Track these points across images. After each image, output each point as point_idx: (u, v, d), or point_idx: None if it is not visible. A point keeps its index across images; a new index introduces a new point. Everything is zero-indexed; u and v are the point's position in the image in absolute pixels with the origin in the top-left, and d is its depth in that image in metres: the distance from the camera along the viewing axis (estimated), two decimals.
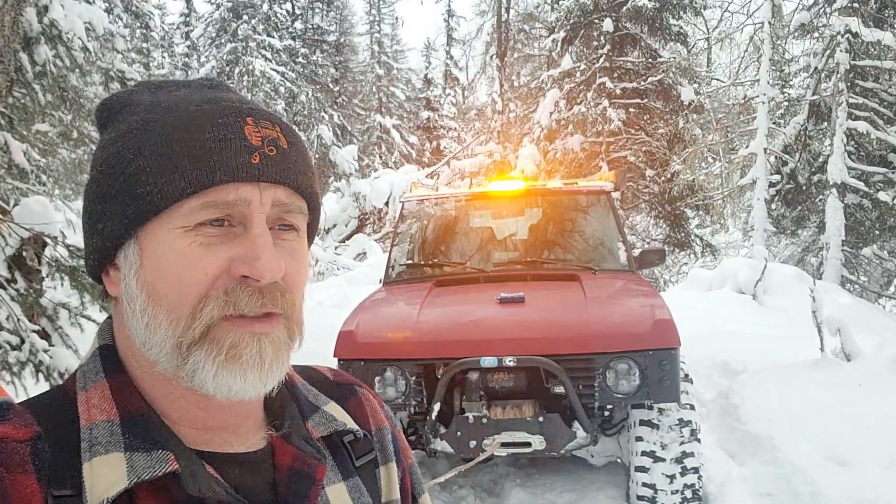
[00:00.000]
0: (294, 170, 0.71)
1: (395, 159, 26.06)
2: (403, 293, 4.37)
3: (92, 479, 0.63)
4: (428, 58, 34.58)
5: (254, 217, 0.67)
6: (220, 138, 0.67)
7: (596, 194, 4.98)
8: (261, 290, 0.67)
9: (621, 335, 3.48)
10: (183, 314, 0.65)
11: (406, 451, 0.90)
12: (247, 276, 0.66)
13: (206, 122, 0.68)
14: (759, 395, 4.87)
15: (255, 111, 0.71)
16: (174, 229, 0.66)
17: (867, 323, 7.61)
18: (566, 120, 13.44)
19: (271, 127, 0.71)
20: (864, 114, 10.52)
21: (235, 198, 0.67)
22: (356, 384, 0.89)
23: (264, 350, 0.67)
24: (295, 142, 0.73)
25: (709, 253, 14.47)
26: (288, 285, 0.69)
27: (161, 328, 0.66)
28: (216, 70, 27.35)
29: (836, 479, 3.67)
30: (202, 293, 0.65)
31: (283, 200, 0.70)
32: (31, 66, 3.36)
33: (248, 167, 0.67)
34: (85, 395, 0.69)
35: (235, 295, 0.66)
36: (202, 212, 0.66)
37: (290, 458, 0.73)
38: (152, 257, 0.67)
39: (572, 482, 4.01)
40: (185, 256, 0.66)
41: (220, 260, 0.66)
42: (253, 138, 0.68)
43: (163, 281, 0.66)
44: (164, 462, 0.64)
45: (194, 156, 0.66)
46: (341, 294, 8.72)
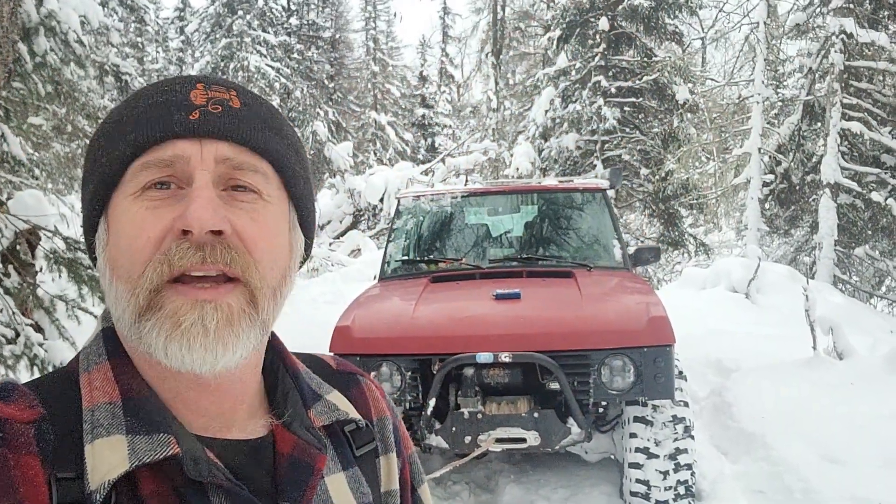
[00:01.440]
0: (244, 126, 0.68)
1: (390, 156, 26.05)
2: (399, 289, 4.37)
3: (94, 461, 0.62)
4: (423, 55, 34.56)
5: (195, 174, 0.65)
6: (162, 101, 0.67)
7: (592, 192, 4.99)
8: (200, 244, 0.64)
9: (616, 332, 3.49)
10: (134, 282, 0.64)
11: (406, 441, 0.89)
12: (184, 229, 0.63)
13: (152, 90, 0.69)
14: (753, 393, 4.89)
15: (210, 79, 0.70)
16: (126, 197, 0.66)
17: (859, 322, 7.65)
18: (561, 118, 13.44)
19: (224, 91, 0.69)
20: (857, 114, 10.56)
21: (173, 154, 0.65)
22: (359, 373, 0.89)
23: (206, 317, 0.64)
24: (253, 104, 0.70)
25: (702, 252, 14.49)
26: (247, 247, 0.66)
27: (122, 300, 0.65)
28: (210, 65, 27.25)
29: (828, 477, 3.69)
30: (147, 257, 0.64)
31: (228, 155, 0.67)
32: (30, 58, 3.34)
33: (185, 122, 0.66)
34: (87, 376, 0.68)
35: (171, 251, 0.63)
36: (143, 173, 0.65)
37: (290, 447, 0.72)
38: (113, 231, 0.67)
39: (566, 478, 4.03)
40: (133, 223, 0.65)
41: (164, 221, 0.64)
42: (197, 99, 0.67)
43: (118, 251, 0.66)
44: (165, 445, 0.63)
45: (136, 120, 0.67)
46: (335, 290, 8.71)
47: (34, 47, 3.32)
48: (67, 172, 8.86)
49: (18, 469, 0.60)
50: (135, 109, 0.68)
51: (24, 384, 0.69)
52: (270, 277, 0.68)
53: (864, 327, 7.43)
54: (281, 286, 0.71)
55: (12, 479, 0.60)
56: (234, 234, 0.66)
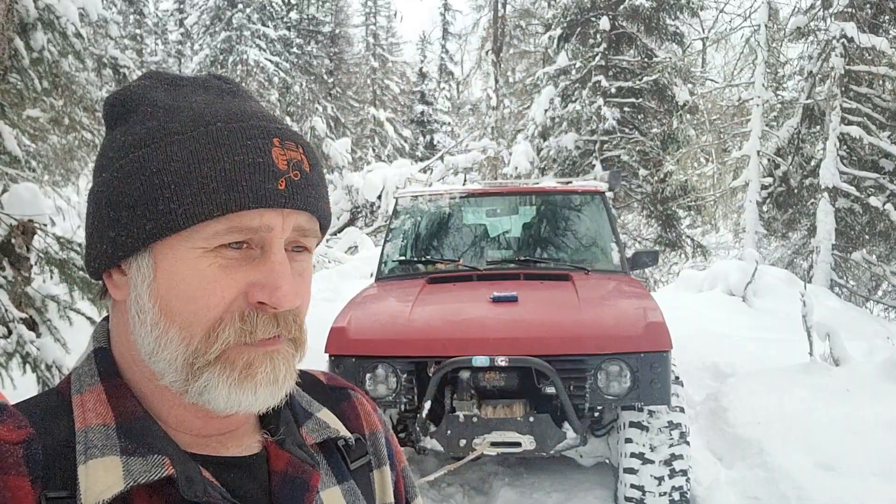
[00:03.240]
0: (315, 196, 0.71)
1: (389, 153, 26.01)
2: (396, 290, 4.35)
3: (87, 481, 0.63)
4: (423, 51, 34.52)
5: (274, 243, 0.68)
6: (250, 162, 0.67)
7: (590, 194, 4.97)
8: (276, 316, 0.68)
9: (613, 337, 3.48)
10: (196, 333, 0.66)
11: (399, 454, 0.91)
12: (264, 303, 0.66)
13: (235, 143, 0.68)
14: (748, 398, 4.88)
15: (281, 131, 0.71)
16: (194, 248, 0.66)
17: (855, 327, 7.64)
18: (561, 117, 13.42)
19: (295, 149, 0.71)
20: (857, 119, 10.55)
21: (260, 224, 0.67)
22: (349, 388, 0.90)
23: (277, 367, 0.69)
24: (315, 164, 0.73)
25: (699, 254, 14.50)
26: (298, 308, 0.70)
27: (172, 344, 0.66)
28: (210, 59, 27.17)
29: (823, 485, 3.68)
30: (217, 316, 0.66)
31: (304, 226, 0.71)
32: (27, 53, 3.31)
33: (275, 194, 0.67)
34: (80, 398, 0.69)
35: (252, 322, 0.66)
36: (226, 235, 0.66)
37: (284, 464, 0.73)
38: (167, 273, 0.67)
39: (561, 482, 4.02)
40: (203, 277, 0.66)
41: (237, 284, 0.66)
42: (279, 162, 0.68)
43: (178, 299, 0.66)
44: (160, 466, 0.64)
45: (224, 178, 0.66)
46: (332, 288, 8.69)
47: (31, 42, 3.29)
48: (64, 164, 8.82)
49: (7, 490, 0.61)
50: (217, 162, 0.66)
51: (13, 405, 0.69)
52: (303, 322, 0.73)
53: (860, 332, 7.43)
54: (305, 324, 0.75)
55: (2, 500, 0.60)
56: None
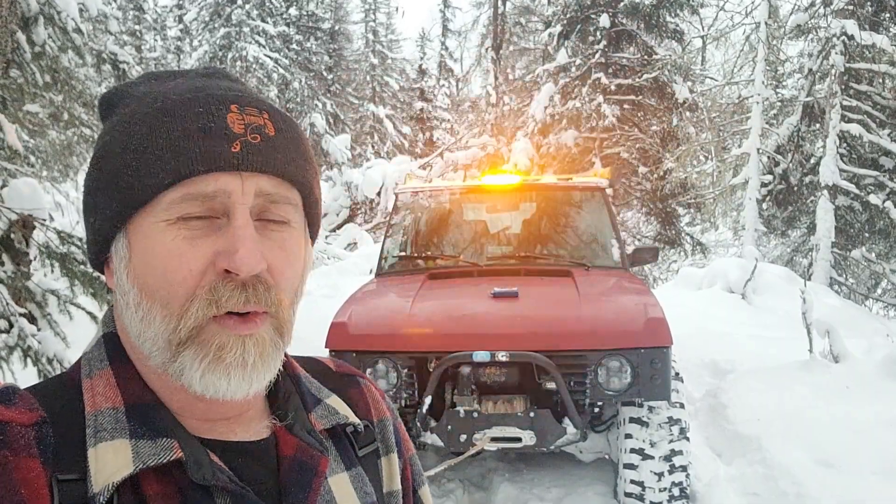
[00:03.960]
0: (281, 158, 0.68)
1: (388, 149, 25.99)
2: (396, 285, 4.35)
3: (97, 464, 0.63)
4: (423, 48, 34.47)
5: (236, 208, 0.66)
6: (201, 127, 0.66)
7: (591, 190, 4.97)
8: (243, 284, 0.65)
9: (614, 333, 3.48)
10: (174, 311, 0.65)
11: (407, 442, 0.91)
12: (228, 270, 0.65)
13: (187, 111, 0.67)
14: (748, 395, 4.88)
15: (242, 98, 0.69)
16: (158, 222, 0.66)
17: (854, 325, 7.65)
18: (560, 114, 13.42)
19: (258, 114, 0.69)
20: (857, 116, 10.56)
21: (215, 189, 0.65)
22: (358, 375, 0.90)
23: (247, 352, 0.66)
24: (285, 129, 0.71)
25: (699, 251, 14.52)
26: (276, 280, 0.68)
27: (155, 323, 0.66)
28: (209, 55, 27.12)
29: (822, 482, 3.69)
30: (189, 291, 0.65)
31: (268, 190, 0.68)
32: (29, 47, 3.30)
33: (228, 156, 0.65)
34: (90, 382, 0.69)
35: (219, 292, 0.65)
36: (183, 204, 0.65)
37: (293, 449, 0.73)
38: (139, 251, 0.67)
39: (561, 478, 4.02)
40: (169, 251, 0.65)
41: (204, 254, 0.65)
42: (235, 126, 0.67)
43: (151, 276, 0.66)
44: (168, 450, 0.65)
45: (174, 146, 0.65)
46: (332, 284, 8.68)
47: (33, 37, 3.29)
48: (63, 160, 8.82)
49: (19, 471, 0.61)
50: (170, 132, 0.65)
51: (25, 388, 0.70)
52: (290, 301, 0.71)
53: (859, 330, 7.43)
54: (295, 304, 0.73)
55: (13, 482, 0.60)
56: (268, 268, 0.68)
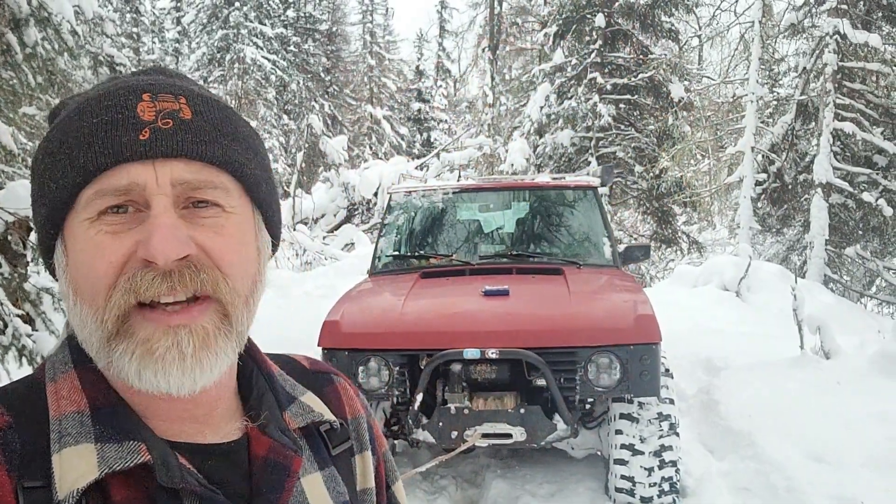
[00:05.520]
0: (197, 140, 0.65)
1: (386, 150, 26.02)
2: (389, 284, 4.39)
3: (62, 470, 0.62)
4: (420, 49, 34.48)
5: (152, 198, 0.63)
6: (108, 120, 0.64)
7: (583, 189, 5.01)
8: (165, 272, 0.63)
9: (603, 329, 3.51)
10: (99, 306, 0.64)
11: (380, 439, 0.90)
12: (148, 260, 0.63)
13: (97, 106, 0.65)
14: (740, 391, 4.92)
15: (157, 86, 0.67)
16: (82, 222, 0.64)
17: (848, 322, 7.69)
18: (556, 114, 13.45)
19: (173, 100, 0.66)
20: (850, 115, 10.59)
21: (128, 182, 0.63)
22: (333, 373, 0.89)
23: (182, 342, 0.64)
24: (205, 111, 0.67)
25: (695, 250, 14.54)
26: (215, 262, 0.65)
27: (88, 323, 0.65)
28: (207, 57, 27.15)
29: (813, 476, 3.72)
30: (111, 282, 0.63)
31: (186, 177, 0.65)
32: (20, 48, 3.34)
33: (134, 145, 0.63)
34: (54, 386, 0.68)
35: (136, 281, 0.63)
36: (97, 201, 0.64)
37: (265, 449, 0.72)
38: (71, 254, 0.66)
39: (552, 474, 4.05)
40: (92, 247, 0.64)
41: (125, 246, 0.63)
42: (145, 114, 0.64)
43: (79, 275, 0.65)
44: (135, 453, 0.63)
45: (82, 143, 0.64)
46: (329, 284, 8.71)
47: (24, 38, 3.32)
48: None
49: None
50: (79, 130, 0.64)
51: None
52: (241, 288, 0.68)
53: (853, 327, 7.48)
54: (252, 293, 0.71)
55: None
56: (201, 251, 0.65)
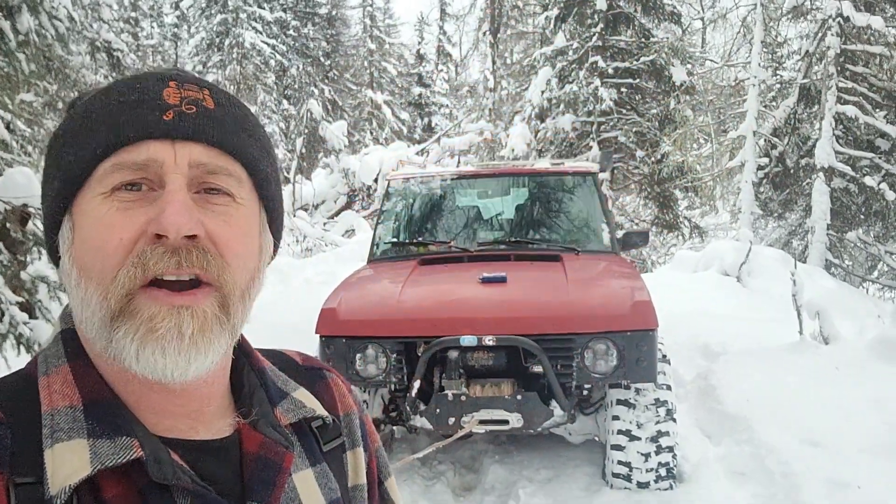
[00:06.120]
0: (218, 128, 0.67)
1: (387, 135, 25.92)
2: (387, 271, 4.39)
3: (54, 466, 0.61)
4: (421, 33, 34.24)
5: (168, 176, 0.65)
6: (134, 99, 0.66)
7: (581, 175, 4.99)
8: (175, 248, 0.63)
9: (600, 316, 3.52)
10: (106, 285, 0.63)
11: (373, 435, 0.89)
12: (158, 234, 0.63)
13: (124, 87, 0.67)
14: (738, 377, 4.93)
15: (182, 76, 0.69)
16: (95, 197, 0.65)
17: (849, 307, 7.68)
18: (558, 99, 13.38)
19: (197, 90, 0.68)
20: (853, 98, 10.53)
21: (147, 157, 0.64)
22: (325, 369, 0.89)
23: (183, 322, 0.64)
24: (227, 105, 0.70)
25: (697, 235, 14.51)
26: (219, 250, 0.66)
27: (92, 303, 0.64)
28: (206, 41, 27.00)
29: (808, 461, 3.73)
30: (120, 261, 0.63)
31: (203, 160, 0.66)
32: (13, 35, 3.32)
33: (159, 123, 0.65)
34: (46, 380, 0.67)
35: (146, 256, 0.63)
36: (114, 174, 0.64)
37: (256, 446, 0.72)
38: (79, 230, 0.66)
39: (550, 459, 4.07)
40: (103, 224, 0.64)
41: (136, 224, 0.63)
42: (171, 98, 0.66)
43: (87, 253, 0.65)
44: (128, 449, 0.63)
45: (106, 119, 0.65)
46: (329, 271, 8.71)
47: (17, 25, 3.30)
48: None
49: None
50: (106, 106, 0.66)
51: None
52: (241, 280, 0.69)
53: (853, 312, 7.47)
54: (250, 288, 0.71)
55: None
56: (208, 237, 0.66)
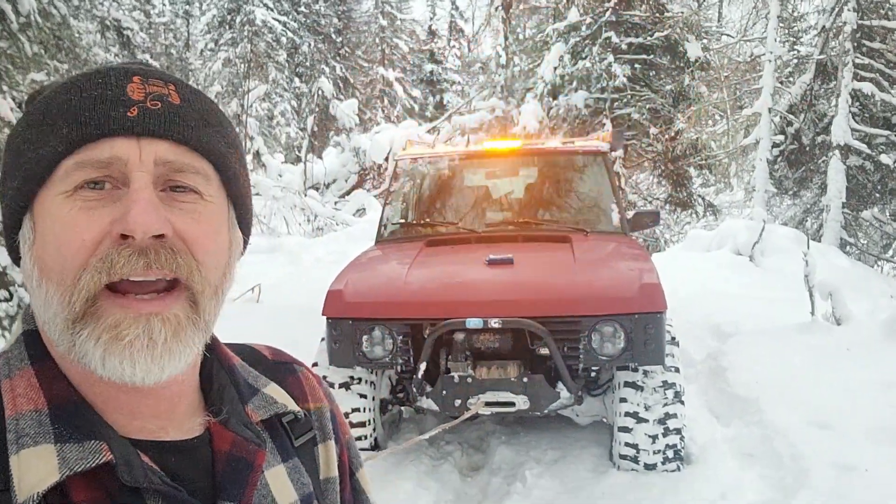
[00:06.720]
0: (183, 124, 0.66)
1: (398, 113, 25.79)
2: (394, 252, 4.38)
3: (20, 472, 0.60)
4: (433, 8, 33.92)
5: (133, 174, 0.63)
6: (97, 95, 0.64)
7: (591, 154, 4.93)
8: (142, 249, 0.62)
9: (607, 298, 3.49)
10: (67, 286, 0.62)
11: (344, 426, 0.89)
12: (124, 234, 0.61)
13: (87, 83, 0.65)
14: (748, 357, 4.90)
15: (147, 71, 0.67)
16: (57, 195, 0.63)
17: (863, 287, 7.61)
18: (570, 75, 13.24)
19: (162, 84, 0.67)
20: (869, 75, 10.36)
21: (110, 155, 0.63)
22: (295, 363, 0.88)
23: (154, 330, 0.62)
24: (193, 100, 0.68)
25: (711, 213, 14.39)
26: (189, 248, 0.65)
27: (53, 304, 0.63)
28: (217, 19, 26.89)
29: (817, 443, 3.71)
30: (82, 262, 0.61)
31: (169, 158, 0.65)
32: (15, 17, 3.31)
33: (122, 120, 0.63)
34: (9, 383, 0.65)
35: (111, 258, 0.61)
36: (77, 172, 0.62)
37: (228, 445, 0.71)
38: (40, 230, 0.64)
39: (557, 441, 4.08)
40: (64, 224, 0.62)
41: (99, 224, 0.62)
42: (135, 94, 0.64)
43: (48, 253, 0.63)
44: (97, 453, 0.61)
45: (68, 115, 0.63)
46: (340, 250, 8.72)
47: (19, 7, 3.29)
48: None
49: None
50: (67, 102, 0.64)
51: None
52: (212, 278, 0.68)
53: (868, 292, 7.40)
54: (222, 284, 0.70)
55: None
56: (177, 235, 0.64)
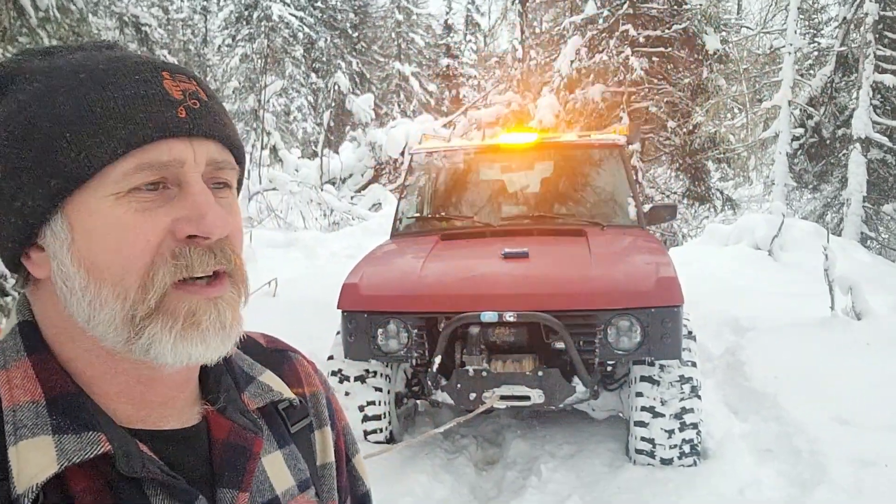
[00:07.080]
0: (221, 123, 0.69)
1: (414, 107, 25.79)
2: (409, 246, 4.38)
3: (19, 464, 0.60)
4: (449, 2, 33.83)
5: (189, 176, 0.65)
6: (143, 94, 0.64)
7: (608, 148, 4.90)
8: (210, 248, 0.66)
9: (624, 292, 3.47)
10: (130, 286, 0.63)
11: (340, 413, 0.90)
12: (194, 235, 0.64)
13: (122, 79, 0.64)
14: (767, 352, 4.86)
15: (169, 66, 0.68)
16: (106, 197, 0.63)
17: (884, 281, 7.51)
18: (587, 69, 13.15)
19: (188, 80, 0.68)
20: (891, 66, 10.20)
21: (170, 158, 0.64)
22: (290, 350, 0.89)
23: (223, 313, 0.67)
24: (212, 95, 0.71)
25: (729, 207, 14.27)
26: (231, 240, 0.68)
27: (108, 304, 0.63)
28: (234, 14, 27.02)
29: (836, 438, 3.67)
30: (148, 262, 0.63)
31: (217, 158, 0.68)
32: (34, 12, 3.33)
33: (177, 121, 0.64)
34: (6, 374, 0.65)
35: (186, 257, 0.64)
36: (137, 175, 0.63)
37: (225, 433, 0.72)
38: (85, 231, 0.63)
39: (573, 435, 4.07)
40: (123, 225, 0.62)
41: (161, 224, 0.64)
42: (173, 92, 0.65)
43: (101, 255, 0.63)
44: (95, 443, 0.62)
45: (119, 114, 0.63)
46: (356, 244, 8.76)
47: (38, 2, 3.31)
48: None
49: None
50: (110, 100, 0.63)
51: None
52: (241, 262, 0.71)
53: (889, 286, 7.30)
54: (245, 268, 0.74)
55: None
56: None
